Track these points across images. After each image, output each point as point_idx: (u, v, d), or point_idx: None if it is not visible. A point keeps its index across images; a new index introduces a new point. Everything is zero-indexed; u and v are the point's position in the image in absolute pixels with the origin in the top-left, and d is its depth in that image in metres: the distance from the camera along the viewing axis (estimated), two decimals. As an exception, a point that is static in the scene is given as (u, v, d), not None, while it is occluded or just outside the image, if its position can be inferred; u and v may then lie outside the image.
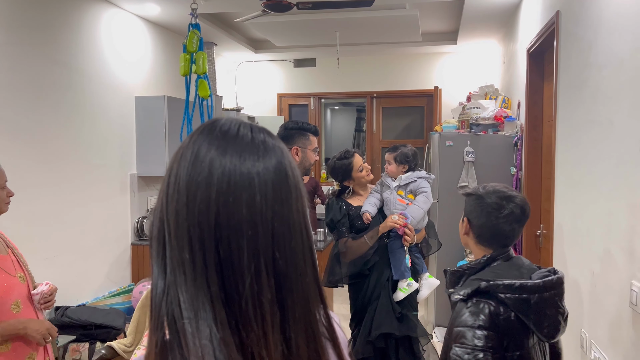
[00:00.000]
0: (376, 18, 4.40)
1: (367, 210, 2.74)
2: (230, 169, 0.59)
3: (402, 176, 2.83)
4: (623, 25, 1.98)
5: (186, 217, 0.58)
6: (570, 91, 2.70)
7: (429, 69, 6.15)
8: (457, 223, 4.63)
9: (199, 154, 0.60)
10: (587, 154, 2.38)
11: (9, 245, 2.03)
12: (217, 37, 5.16)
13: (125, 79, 4.12)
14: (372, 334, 2.63)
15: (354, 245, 2.71)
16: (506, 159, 4.18)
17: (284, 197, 0.61)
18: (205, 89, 2.71)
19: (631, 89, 1.87)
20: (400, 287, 2.71)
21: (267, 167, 0.61)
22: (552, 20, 3.00)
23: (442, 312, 4.33)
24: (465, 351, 1.36)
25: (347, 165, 2.82)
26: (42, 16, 3.26)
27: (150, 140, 4.21)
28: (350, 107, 8.85)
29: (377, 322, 2.65)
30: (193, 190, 0.59)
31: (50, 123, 3.31)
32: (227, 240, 0.58)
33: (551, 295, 1.40)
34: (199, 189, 0.59)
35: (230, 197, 0.58)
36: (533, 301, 1.37)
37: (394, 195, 2.80)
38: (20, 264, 2.00)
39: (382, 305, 2.68)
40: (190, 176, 0.59)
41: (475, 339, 1.36)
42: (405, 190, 2.81)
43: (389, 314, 2.67)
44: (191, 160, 0.60)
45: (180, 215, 0.59)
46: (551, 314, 1.40)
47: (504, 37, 5.11)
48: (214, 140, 0.62)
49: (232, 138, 0.62)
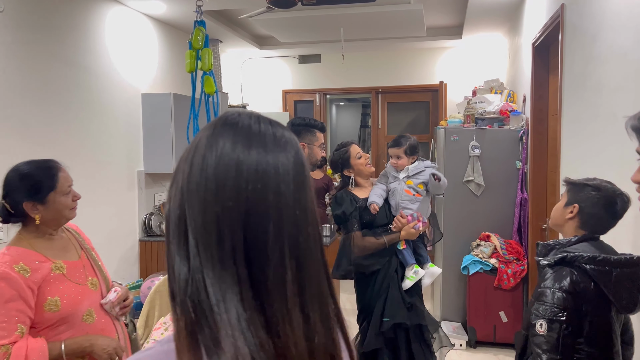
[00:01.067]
0: (380, 13, 4.40)
1: (374, 201, 2.75)
2: (257, 159, 0.64)
3: (409, 167, 2.84)
4: (626, 17, 1.98)
5: (215, 204, 0.62)
6: (575, 84, 2.70)
7: (434, 63, 6.14)
8: (462, 216, 4.64)
9: (225, 146, 0.65)
10: (592, 147, 2.39)
11: (84, 247, 1.94)
12: (222, 34, 5.18)
13: (132, 77, 4.15)
14: (385, 325, 2.63)
15: (372, 243, 2.71)
16: (512, 153, 4.18)
17: (303, 186, 0.66)
18: (211, 85, 2.73)
19: (634, 82, 1.88)
20: (408, 276, 2.73)
21: (289, 158, 0.66)
22: (557, 14, 2.99)
23: (448, 306, 4.34)
24: (545, 307, 1.57)
25: (344, 153, 2.83)
26: (50, 15, 3.29)
27: (157, 137, 4.24)
28: (355, 102, 8.85)
29: (389, 312, 2.65)
30: (222, 179, 0.63)
31: (58, 121, 3.34)
32: (255, 225, 0.62)
33: (632, 272, 1.56)
34: (228, 178, 0.63)
35: (259, 185, 0.63)
36: (614, 274, 1.54)
37: (401, 185, 2.81)
38: (94, 268, 1.91)
39: (393, 296, 2.69)
40: (219, 166, 0.63)
41: (555, 298, 1.56)
42: (415, 180, 2.82)
43: (400, 304, 2.68)
44: (219, 152, 0.64)
45: (208, 202, 0.62)
46: (630, 288, 1.56)
47: (510, 30, 5.09)
48: (238, 134, 0.66)
49: (255, 132, 0.67)
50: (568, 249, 1.64)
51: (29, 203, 1.72)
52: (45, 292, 1.69)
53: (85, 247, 1.95)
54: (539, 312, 1.58)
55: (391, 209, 2.84)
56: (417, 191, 2.80)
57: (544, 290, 1.59)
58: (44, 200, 1.73)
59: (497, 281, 3.95)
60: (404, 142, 2.87)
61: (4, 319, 1.60)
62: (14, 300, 1.61)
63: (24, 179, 1.73)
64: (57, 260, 1.77)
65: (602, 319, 1.57)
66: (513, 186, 4.18)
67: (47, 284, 1.70)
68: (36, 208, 1.73)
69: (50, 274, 1.72)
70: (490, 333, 4.04)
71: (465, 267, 4.07)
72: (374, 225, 2.78)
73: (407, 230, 2.71)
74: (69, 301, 1.73)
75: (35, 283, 1.67)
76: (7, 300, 1.61)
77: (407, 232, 2.71)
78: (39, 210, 1.74)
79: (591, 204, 1.66)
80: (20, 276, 1.64)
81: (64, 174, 1.81)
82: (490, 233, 4.18)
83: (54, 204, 1.75)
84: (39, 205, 1.73)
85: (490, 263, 3.98)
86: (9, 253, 1.69)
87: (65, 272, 1.77)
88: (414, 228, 2.70)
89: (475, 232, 4.26)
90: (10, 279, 1.62)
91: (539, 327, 1.57)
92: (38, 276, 1.69)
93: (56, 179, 1.77)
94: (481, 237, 4.21)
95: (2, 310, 1.60)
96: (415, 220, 2.72)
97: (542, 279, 1.63)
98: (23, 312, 1.63)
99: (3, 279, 1.62)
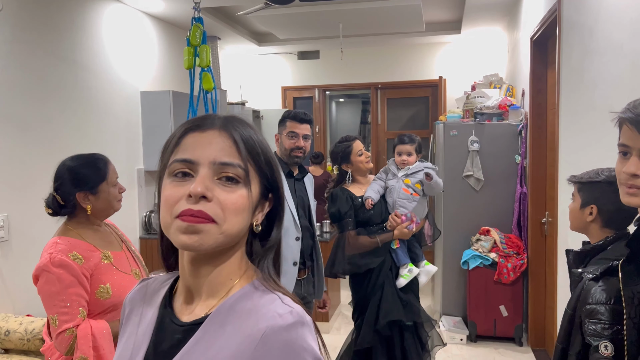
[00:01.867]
0: (379, 8, 4.39)
1: (369, 197, 2.76)
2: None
3: (410, 166, 2.86)
4: (621, 9, 1.98)
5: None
6: (572, 78, 2.70)
7: (433, 58, 6.14)
8: (462, 212, 4.66)
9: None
10: (590, 141, 2.39)
11: (123, 240, 2.01)
12: (220, 31, 5.18)
13: (130, 75, 4.15)
14: (380, 322, 2.64)
15: (366, 242, 2.72)
16: (511, 147, 4.18)
17: None
18: (209, 82, 2.73)
19: (630, 75, 1.88)
20: (402, 274, 2.74)
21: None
22: (554, 8, 2.99)
23: (448, 301, 4.35)
24: (603, 326, 1.42)
25: (347, 147, 2.81)
26: (48, 14, 3.30)
27: (156, 135, 4.25)
28: (355, 99, 8.84)
29: (385, 310, 2.66)
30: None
31: (57, 119, 3.35)
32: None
33: None
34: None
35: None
36: None
37: (399, 184, 2.81)
38: (135, 260, 1.98)
39: (388, 293, 2.70)
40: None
41: (613, 315, 1.41)
42: (413, 179, 2.83)
43: (395, 301, 2.69)
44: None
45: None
46: None
47: (508, 25, 5.09)
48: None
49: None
50: (605, 255, 1.53)
51: (82, 193, 1.81)
52: (97, 280, 1.78)
53: (124, 240, 2.03)
54: (599, 333, 1.42)
55: (388, 206, 2.85)
56: (415, 190, 2.79)
57: (597, 307, 1.44)
58: (96, 190, 1.83)
59: (497, 275, 3.96)
60: (415, 139, 2.88)
61: (66, 304, 1.69)
62: (74, 286, 1.71)
63: (75, 171, 1.82)
64: (104, 250, 1.86)
65: None
66: (512, 180, 4.19)
67: (98, 272, 1.79)
68: (88, 198, 1.82)
69: (100, 263, 1.81)
70: (490, 327, 4.05)
71: (465, 261, 4.08)
72: (370, 224, 2.78)
73: (401, 230, 2.71)
74: (119, 288, 1.81)
75: (88, 270, 1.76)
76: (67, 286, 1.70)
77: (401, 232, 2.71)
78: (90, 201, 1.82)
79: (608, 200, 1.55)
80: (75, 264, 1.72)
81: (112, 166, 1.91)
82: (490, 227, 4.19)
83: (105, 194, 1.85)
84: (90, 196, 1.82)
85: (490, 257, 3.99)
86: (62, 242, 1.77)
87: (113, 262, 1.86)
88: (407, 228, 2.71)
89: (475, 226, 4.27)
90: (68, 265, 1.70)
91: (604, 350, 1.42)
92: (91, 264, 1.77)
93: (107, 170, 1.86)
94: (481, 231, 4.22)
95: (64, 295, 1.69)
96: (409, 220, 2.72)
97: (588, 293, 1.48)
98: (82, 296, 1.73)
99: (61, 265, 1.70)
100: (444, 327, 4.13)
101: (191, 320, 0.81)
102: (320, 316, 4.33)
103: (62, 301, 1.69)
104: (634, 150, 1.16)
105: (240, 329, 0.77)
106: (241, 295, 0.81)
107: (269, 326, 0.75)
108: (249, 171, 0.80)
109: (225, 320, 0.78)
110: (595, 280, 1.47)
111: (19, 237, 2.97)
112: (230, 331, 0.77)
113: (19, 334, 2.61)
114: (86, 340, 1.67)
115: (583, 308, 1.47)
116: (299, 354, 0.74)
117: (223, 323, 0.78)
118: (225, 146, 0.80)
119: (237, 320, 0.78)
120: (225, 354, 0.75)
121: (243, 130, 0.83)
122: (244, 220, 0.81)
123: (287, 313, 0.77)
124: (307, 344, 0.76)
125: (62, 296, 1.69)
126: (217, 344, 0.77)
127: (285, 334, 0.75)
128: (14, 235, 2.96)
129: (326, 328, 4.35)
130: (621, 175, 1.20)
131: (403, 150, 2.87)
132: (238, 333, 0.76)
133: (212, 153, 0.79)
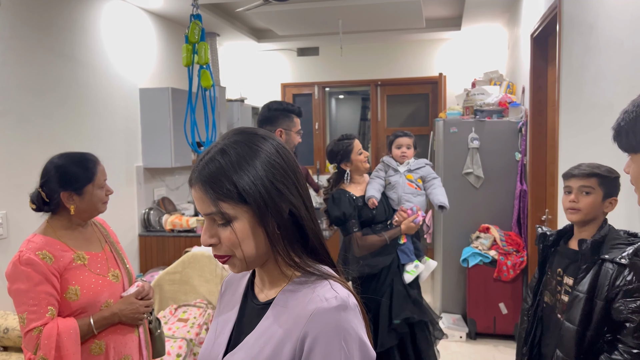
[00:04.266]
0: (379, 5, 4.38)
1: (373, 196, 2.74)
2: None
3: (410, 161, 2.85)
4: (622, 6, 1.97)
5: None
6: (573, 75, 2.69)
7: (433, 55, 6.12)
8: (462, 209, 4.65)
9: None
10: (589, 138, 2.38)
11: (108, 240, 1.96)
12: (219, 28, 5.16)
13: (129, 71, 4.14)
14: (395, 321, 2.62)
15: (374, 241, 2.70)
16: (511, 144, 4.17)
17: None
18: (207, 79, 2.72)
19: (630, 71, 1.87)
20: (408, 270, 2.74)
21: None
22: (554, 4, 2.98)
23: (448, 298, 4.35)
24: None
25: (348, 146, 2.79)
26: (47, 11, 3.28)
27: (155, 132, 4.24)
28: (355, 95, 8.81)
29: (397, 308, 2.65)
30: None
31: (55, 116, 3.34)
32: None
33: None
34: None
35: None
36: None
37: (403, 179, 2.81)
38: (117, 261, 1.93)
39: (398, 291, 2.68)
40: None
41: None
42: (415, 175, 2.83)
43: (406, 299, 2.68)
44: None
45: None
46: None
47: (509, 21, 5.07)
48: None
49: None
50: (619, 241, 1.68)
51: (66, 193, 1.77)
52: (66, 281, 1.74)
53: (110, 240, 1.99)
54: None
55: (391, 202, 2.84)
56: (418, 185, 2.81)
57: (635, 287, 1.54)
58: (81, 191, 1.79)
59: (497, 273, 3.96)
60: (411, 134, 2.92)
61: (34, 302, 1.67)
62: (42, 284, 1.68)
63: (62, 169, 1.78)
64: (79, 250, 1.81)
65: None
66: (512, 178, 4.18)
67: (68, 273, 1.75)
68: (72, 198, 1.78)
69: (71, 263, 1.77)
70: (490, 325, 4.05)
71: (465, 259, 4.07)
72: (374, 222, 2.77)
73: (407, 224, 2.71)
74: (89, 291, 1.77)
75: (57, 270, 1.72)
76: (36, 284, 1.67)
77: (407, 226, 2.71)
78: (74, 201, 1.79)
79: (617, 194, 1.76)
80: (43, 262, 1.69)
81: (101, 167, 1.86)
82: (490, 225, 4.18)
83: (90, 196, 1.81)
84: (75, 196, 1.78)
85: (490, 255, 3.99)
86: (34, 240, 1.75)
87: (87, 263, 1.81)
88: (413, 222, 2.70)
89: (475, 224, 4.26)
90: (35, 263, 1.68)
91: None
92: (61, 264, 1.74)
93: (95, 171, 1.82)
94: (481, 229, 4.21)
95: (32, 293, 1.67)
96: (414, 214, 2.72)
97: (619, 276, 1.59)
98: (52, 295, 1.70)
99: (29, 264, 1.68)
100: (443, 325, 4.12)
101: (265, 300, 0.99)
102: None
103: (30, 299, 1.66)
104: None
105: (296, 309, 0.91)
106: (300, 282, 0.96)
107: (316, 308, 0.89)
108: (223, 212, 0.91)
109: (287, 302, 0.94)
110: (621, 265, 1.60)
111: (17, 234, 2.96)
112: (290, 311, 0.93)
113: (17, 332, 2.61)
114: (50, 341, 1.64)
115: (615, 290, 1.59)
116: (340, 333, 0.87)
117: (285, 304, 0.94)
118: (200, 199, 0.93)
119: (295, 302, 0.93)
120: (284, 329, 0.91)
121: (212, 171, 0.91)
122: (253, 244, 0.94)
123: (332, 298, 0.90)
124: (349, 325, 0.88)
125: (31, 294, 1.66)
126: (280, 320, 0.93)
127: (329, 315, 0.88)
128: (13, 232, 2.96)
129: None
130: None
131: (403, 143, 2.87)
132: (294, 312, 0.91)
133: (199, 208, 0.94)
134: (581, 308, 1.66)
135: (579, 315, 1.66)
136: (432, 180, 2.86)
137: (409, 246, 2.76)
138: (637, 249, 1.53)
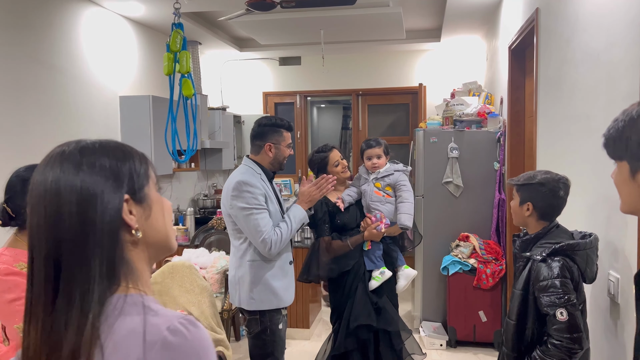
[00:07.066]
0: (360, 16, 4.42)
1: (341, 197, 2.84)
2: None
3: (379, 170, 2.88)
4: (598, 20, 2.02)
5: None
6: (550, 87, 2.75)
7: (413, 66, 6.19)
8: (442, 218, 4.68)
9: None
10: (567, 149, 2.43)
11: None
12: (201, 36, 5.15)
13: (109, 79, 4.10)
14: (351, 326, 2.68)
15: (337, 246, 2.77)
16: (490, 154, 4.23)
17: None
18: (189, 88, 2.71)
19: (606, 84, 1.92)
20: (374, 276, 2.76)
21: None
22: (532, 17, 3.04)
23: (428, 306, 4.37)
24: (557, 296, 1.71)
25: (323, 159, 2.87)
26: (25, 16, 3.24)
27: (135, 140, 4.19)
28: (336, 104, 8.87)
29: (355, 313, 2.70)
30: None
31: (33, 123, 3.29)
32: None
33: (593, 250, 1.83)
34: None
35: None
36: (586, 255, 1.79)
37: (370, 187, 2.85)
38: None
39: (360, 297, 2.73)
40: None
41: (562, 286, 1.72)
42: (383, 182, 2.86)
43: (366, 305, 2.71)
44: None
45: None
46: (593, 263, 1.84)
47: (487, 33, 5.16)
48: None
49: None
50: (548, 241, 1.85)
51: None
52: None
53: None
54: (554, 302, 1.71)
55: (363, 210, 2.88)
56: (387, 192, 2.83)
57: (552, 281, 1.73)
58: None
59: (476, 281, 4.00)
60: (380, 142, 2.91)
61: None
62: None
63: (26, 184, 1.72)
64: None
65: (581, 293, 1.81)
66: (491, 187, 4.23)
67: None
68: None
69: None
70: (470, 333, 4.08)
71: (445, 267, 4.11)
72: (346, 229, 2.82)
73: (370, 230, 2.74)
74: None
75: None
76: (24, 290, 1.61)
77: (370, 233, 2.75)
78: None
79: (541, 198, 1.90)
80: (23, 273, 1.66)
81: None
82: (469, 233, 4.23)
83: None
84: None
85: (470, 263, 4.03)
86: (7, 254, 1.71)
87: None
88: (375, 229, 2.73)
89: (455, 232, 4.30)
90: (18, 272, 1.65)
91: (560, 315, 1.70)
92: None
93: None
94: (460, 237, 4.25)
95: (24, 300, 1.62)
96: (378, 221, 2.75)
97: (539, 272, 1.77)
98: None
99: (11, 273, 1.65)
100: (423, 333, 4.14)
101: None
102: (301, 322, 4.31)
103: (22, 306, 1.63)
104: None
105: None
106: None
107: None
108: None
109: None
110: (543, 261, 1.79)
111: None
112: None
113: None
114: None
115: (536, 285, 1.77)
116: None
117: None
118: None
119: None
120: None
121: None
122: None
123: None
124: None
125: (23, 301, 1.63)
126: None
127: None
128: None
129: (307, 334, 4.33)
130: None
131: (372, 154, 2.90)
132: None
133: None
134: (518, 303, 1.84)
135: (515, 310, 1.84)
136: (401, 191, 2.82)
137: (375, 252, 2.79)
138: (556, 250, 1.76)
